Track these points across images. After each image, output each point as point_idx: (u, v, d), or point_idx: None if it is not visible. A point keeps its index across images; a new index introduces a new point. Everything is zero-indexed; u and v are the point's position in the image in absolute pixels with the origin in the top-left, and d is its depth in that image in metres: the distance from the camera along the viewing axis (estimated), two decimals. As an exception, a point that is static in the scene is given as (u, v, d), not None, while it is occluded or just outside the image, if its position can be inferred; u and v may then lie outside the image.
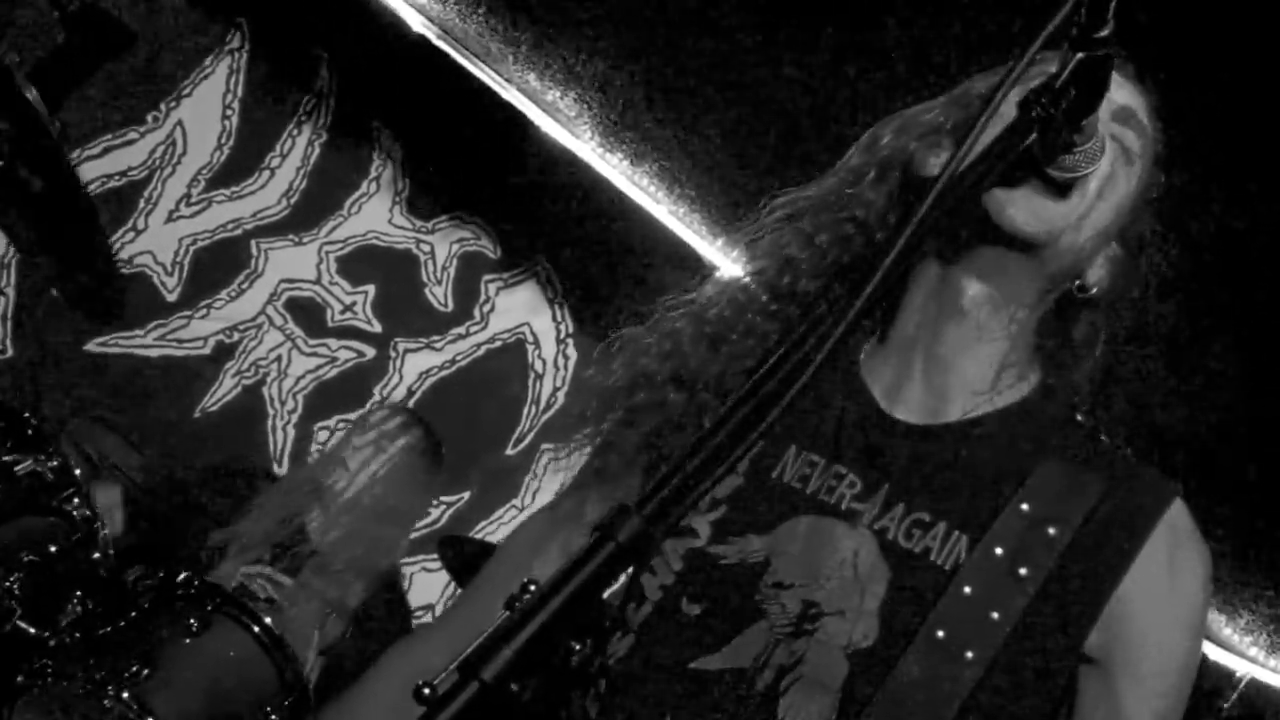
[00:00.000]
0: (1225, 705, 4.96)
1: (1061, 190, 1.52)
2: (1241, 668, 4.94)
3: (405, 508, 4.16)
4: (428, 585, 5.20)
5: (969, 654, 1.47)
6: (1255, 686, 4.97)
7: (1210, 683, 4.88)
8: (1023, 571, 1.50)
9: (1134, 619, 1.53)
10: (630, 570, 1.65)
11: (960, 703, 1.46)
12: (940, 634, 1.48)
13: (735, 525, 1.59)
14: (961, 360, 1.63)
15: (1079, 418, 1.69)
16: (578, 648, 1.02)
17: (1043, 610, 1.51)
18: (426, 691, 0.99)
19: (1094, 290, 1.67)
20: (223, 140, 5.41)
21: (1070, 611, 1.52)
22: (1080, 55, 1.30)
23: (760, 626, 1.53)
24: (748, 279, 1.75)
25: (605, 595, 1.07)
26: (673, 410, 1.68)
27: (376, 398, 5.35)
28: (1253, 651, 4.90)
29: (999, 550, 1.52)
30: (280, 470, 5.18)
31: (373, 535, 3.95)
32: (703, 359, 1.70)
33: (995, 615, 1.49)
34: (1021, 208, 1.54)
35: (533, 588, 1.05)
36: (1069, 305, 1.70)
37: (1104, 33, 1.28)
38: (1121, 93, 1.62)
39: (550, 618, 1.01)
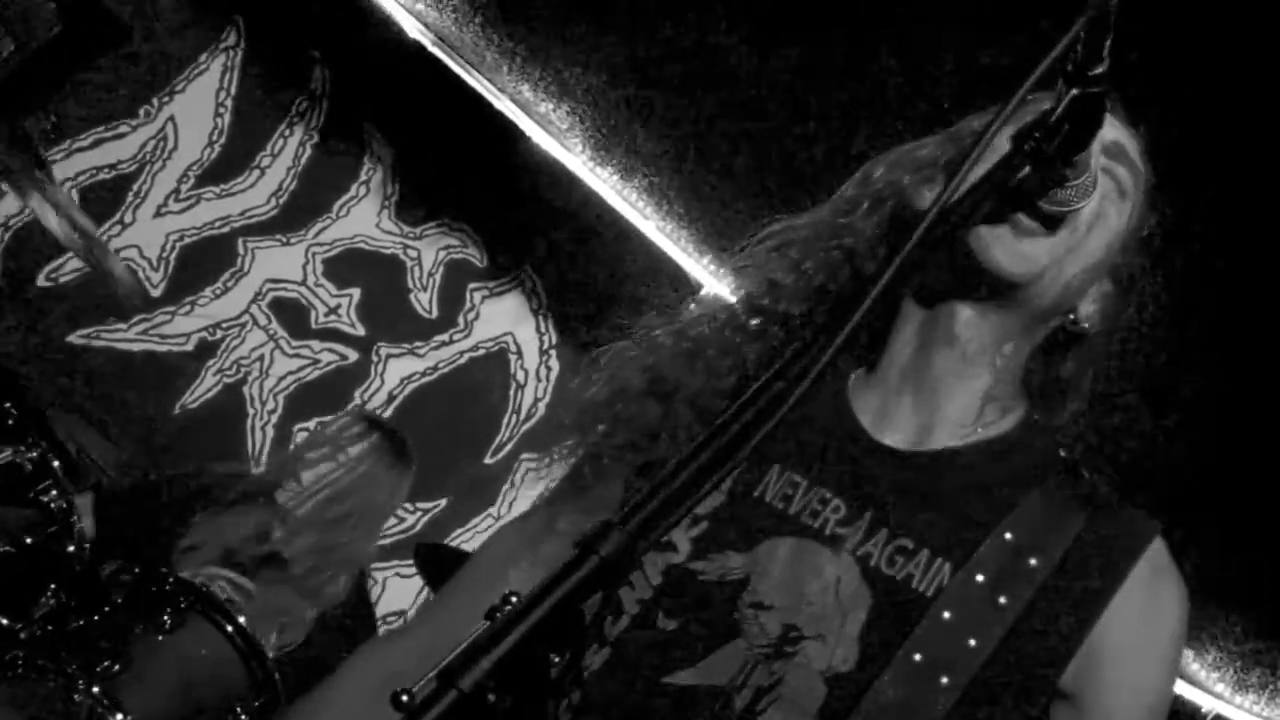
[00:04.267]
0: (1191, 741, 4.98)
1: (1049, 225, 1.54)
2: (1208, 703, 4.96)
3: (369, 513, 4.14)
4: (400, 591, 5.20)
5: (945, 679, 1.48)
6: (1221, 723, 4.99)
7: (1177, 718, 4.90)
8: (1002, 600, 1.51)
9: (1110, 655, 1.54)
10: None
11: None
12: (917, 657, 1.48)
13: (715, 542, 1.59)
14: (949, 390, 1.64)
15: (1063, 453, 1.70)
16: (556, 660, 1.03)
17: (1021, 640, 1.51)
18: (405, 699, 1.00)
19: (1085, 326, 1.68)
20: (214, 137, 5.41)
21: (1048, 644, 1.53)
22: (1075, 91, 1.32)
23: (738, 645, 1.53)
24: (733, 300, 1.77)
25: (584, 607, 1.08)
26: (650, 424, 1.69)
27: (357, 401, 5.35)
28: (1219, 688, 4.92)
29: (980, 577, 1.52)
30: (258, 469, 5.17)
31: (335, 543, 3.94)
32: (682, 374, 1.70)
33: (973, 642, 1.49)
34: (1005, 248, 1.55)
35: (514, 599, 1.05)
36: (1059, 342, 1.71)
37: (1099, 70, 1.30)
38: (1112, 130, 1.64)
39: (530, 630, 1.01)
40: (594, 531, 1.06)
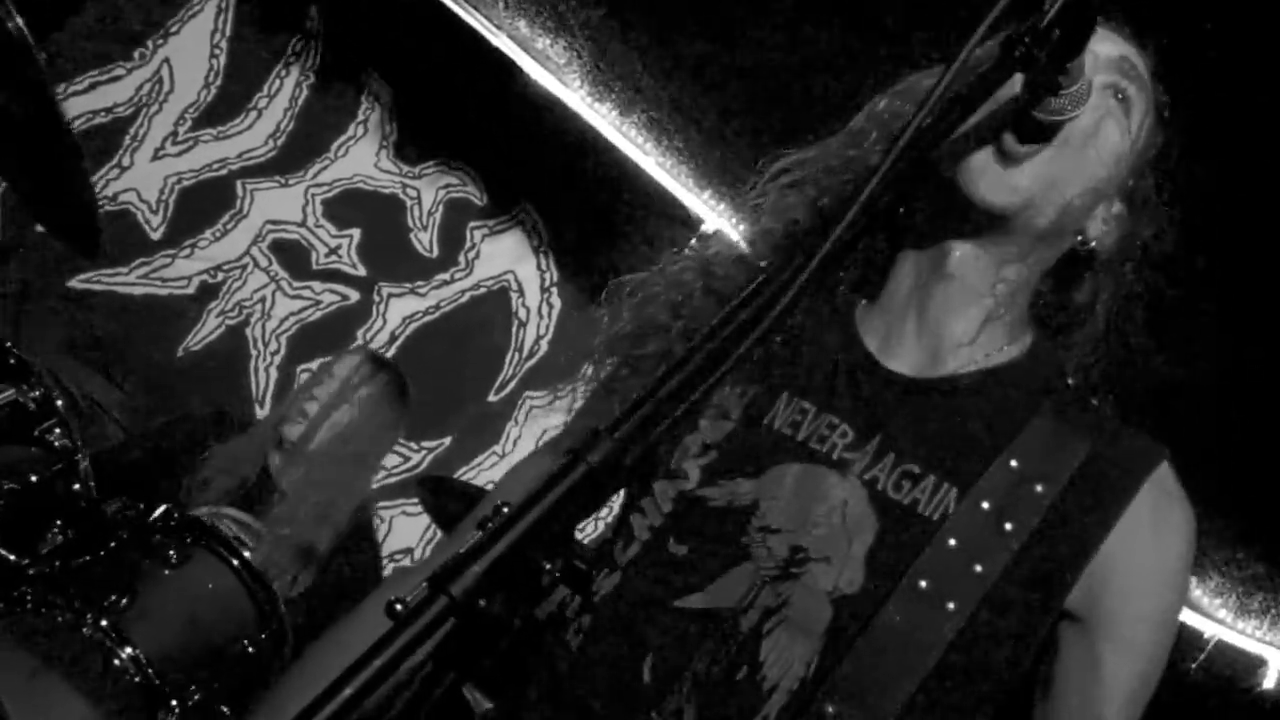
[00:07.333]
0: (1192, 667, 5.01)
1: (1042, 136, 1.52)
2: (1210, 629, 4.99)
3: (369, 452, 4.16)
4: (407, 529, 5.23)
5: (951, 604, 1.49)
6: (1222, 648, 5.02)
7: (1178, 643, 4.93)
8: (1008, 526, 1.52)
9: (1116, 578, 1.55)
10: (621, 503, 1.67)
11: (940, 652, 1.48)
12: (923, 584, 1.50)
13: (725, 469, 1.60)
14: (950, 319, 1.64)
15: (1070, 381, 1.69)
16: (548, 566, 1.03)
17: (1025, 566, 1.52)
18: (398, 607, 1.01)
19: (1094, 245, 1.66)
20: (210, 79, 5.38)
21: (1052, 568, 1.53)
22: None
23: (745, 568, 1.54)
24: (753, 239, 1.76)
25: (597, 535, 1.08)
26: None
27: (359, 341, 5.35)
28: (1221, 614, 4.95)
29: (986, 504, 1.53)
30: (262, 411, 5.19)
31: (338, 481, 3.95)
32: (710, 314, 1.70)
33: (978, 568, 1.50)
34: (989, 181, 1.54)
35: (505, 509, 1.06)
36: (1072, 265, 1.70)
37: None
38: (1117, 47, 1.63)
39: (520, 537, 1.02)
40: (583, 440, 1.07)
